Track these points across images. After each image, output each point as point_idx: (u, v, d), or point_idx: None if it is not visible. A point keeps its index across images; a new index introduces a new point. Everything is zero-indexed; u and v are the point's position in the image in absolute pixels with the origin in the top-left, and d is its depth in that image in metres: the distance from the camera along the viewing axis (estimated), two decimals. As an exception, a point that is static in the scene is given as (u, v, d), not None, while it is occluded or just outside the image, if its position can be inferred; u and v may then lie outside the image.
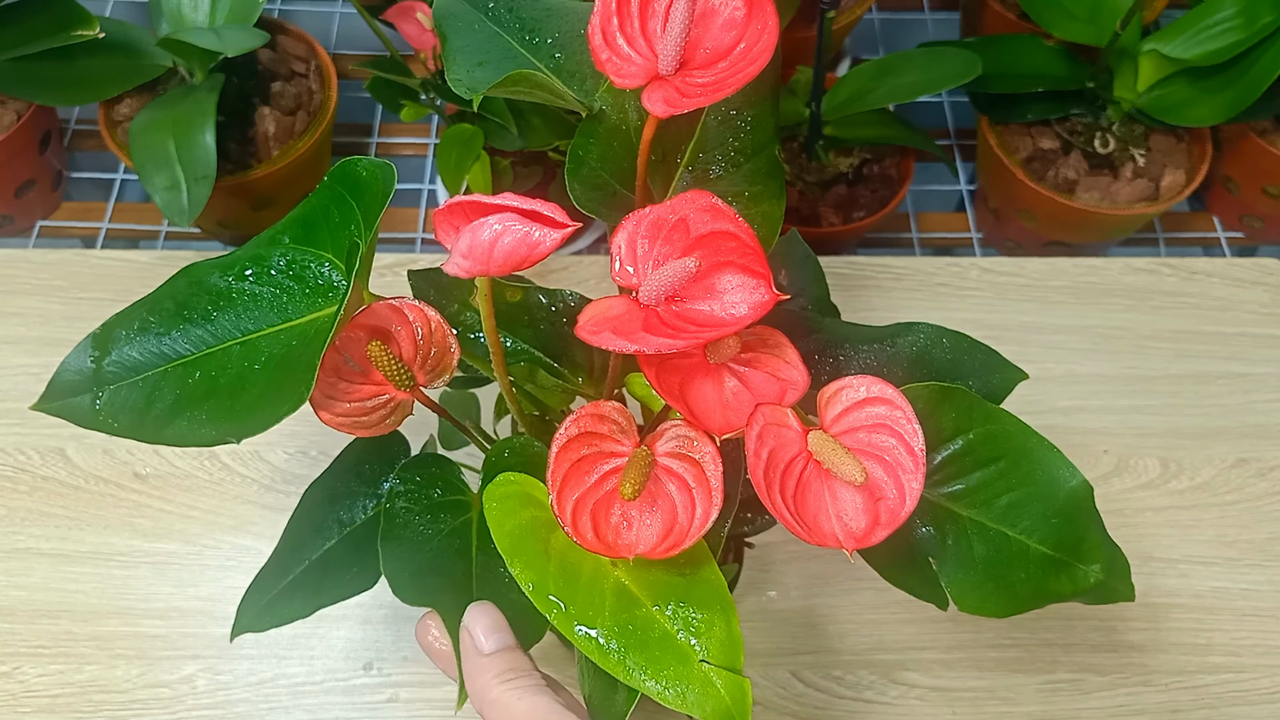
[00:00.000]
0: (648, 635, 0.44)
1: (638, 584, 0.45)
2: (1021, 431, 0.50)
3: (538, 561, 0.45)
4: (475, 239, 0.38)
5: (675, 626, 0.44)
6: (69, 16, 1.04)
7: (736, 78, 0.42)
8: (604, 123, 0.50)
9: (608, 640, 0.44)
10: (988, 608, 0.49)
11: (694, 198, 0.42)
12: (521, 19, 0.53)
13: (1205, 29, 1.05)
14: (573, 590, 0.45)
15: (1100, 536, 0.50)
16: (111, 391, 0.46)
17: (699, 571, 0.45)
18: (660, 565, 0.45)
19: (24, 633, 0.83)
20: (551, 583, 0.45)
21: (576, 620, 0.44)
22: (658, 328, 0.40)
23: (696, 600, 0.45)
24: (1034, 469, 0.50)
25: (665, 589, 0.45)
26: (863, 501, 0.43)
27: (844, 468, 0.41)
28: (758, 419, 0.42)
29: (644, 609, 0.44)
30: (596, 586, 0.45)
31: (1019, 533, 0.50)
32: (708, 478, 0.43)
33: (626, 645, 0.43)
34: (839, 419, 0.44)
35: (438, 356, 0.47)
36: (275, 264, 0.47)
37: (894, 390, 0.43)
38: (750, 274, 0.41)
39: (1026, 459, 0.50)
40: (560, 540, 0.46)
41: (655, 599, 0.45)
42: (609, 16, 0.44)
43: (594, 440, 0.45)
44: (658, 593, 0.45)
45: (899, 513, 0.42)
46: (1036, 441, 0.50)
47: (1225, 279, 1.04)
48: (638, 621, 0.44)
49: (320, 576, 0.62)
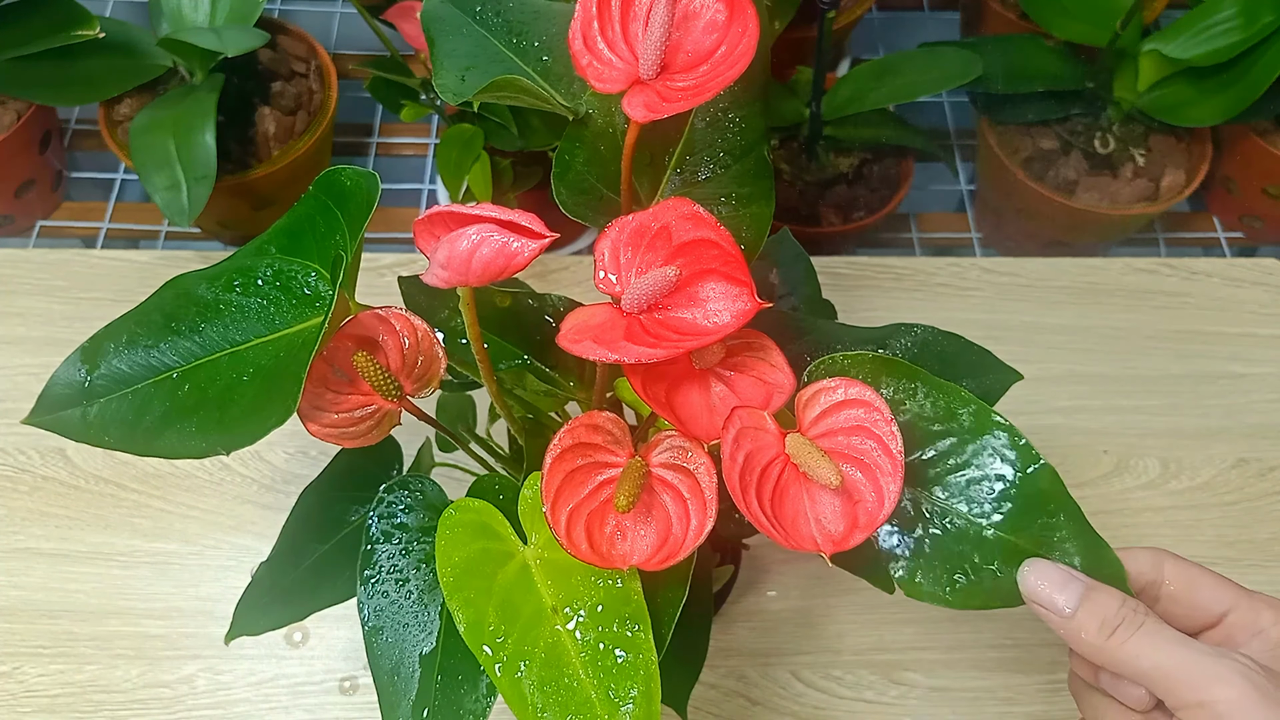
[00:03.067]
0: (570, 698, 0.43)
1: (573, 641, 0.45)
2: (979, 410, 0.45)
3: (479, 599, 0.45)
4: (453, 249, 0.38)
5: (599, 695, 0.43)
6: (69, 16, 1.04)
7: (717, 81, 0.42)
8: (590, 126, 0.50)
9: (530, 694, 0.43)
10: (937, 596, 0.45)
11: (676, 205, 0.42)
12: (509, 22, 0.53)
13: (1205, 29, 1.04)
14: (508, 634, 0.44)
15: (1076, 526, 0.45)
16: (101, 405, 0.46)
17: (637, 638, 0.44)
18: (603, 621, 0.45)
19: (24, 633, 0.83)
20: (489, 623, 0.44)
21: (503, 667, 0.44)
22: (640, 336, 0.40)
23: (625, 670, 0.44)
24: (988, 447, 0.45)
25: (597, 655, 0.44)
26: (841, 505, 0.42)
27: (820, 471, 0.41)
28: (734, 421, 0.42)
29: (572, 668, 0.44)
30: (531, 636, 0.45)
31: (974, 515, 0.45)
32: (702, 489, 0.43)
33: (546, 703, 0.43)
34: (817, 421, 0.43)
35: (425, 365, 0.47)
36: (262, 274, 0.47)
37: (872, 392, 0.43)
38: (732, 282, 0.41)
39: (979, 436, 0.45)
40: (506, 578, 0.46)
41: (585, 664, 0.44)
42: (589, 20, 0.44)
43: (588, 451, 0.45)
44: (589, 656, 0.44)
45: (877, 515, 0.42)
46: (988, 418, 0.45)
47: (1225, 279, 1.03)
48: (563, 681, 0.44)
49: (316, 579, 0.62)
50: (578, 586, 0.45)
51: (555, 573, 0.46)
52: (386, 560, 0.51)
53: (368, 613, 0.50)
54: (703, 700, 0.81)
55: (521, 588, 0.46)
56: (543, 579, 0.46)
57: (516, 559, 0.47)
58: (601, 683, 0.43)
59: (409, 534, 0.52)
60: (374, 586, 0.51)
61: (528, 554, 0.47)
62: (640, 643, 0.44)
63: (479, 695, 0.48)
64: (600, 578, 0.45)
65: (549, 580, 0.46)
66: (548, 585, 0.46)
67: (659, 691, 0.43)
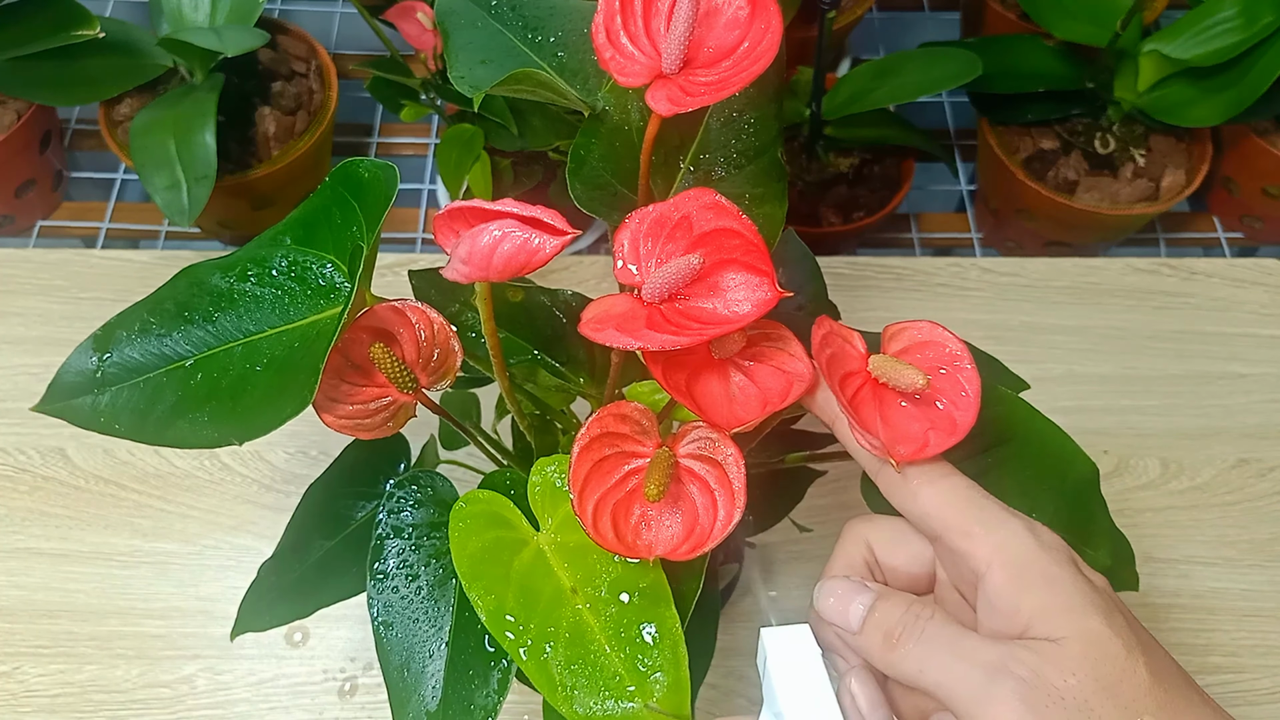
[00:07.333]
0: (598, 674, 0.43)
1: (596, 617, 0.45)
2: (1030, 414, 0.50)
3: (497, 586, 0.45)
4: (475, 245, 0.38)
5: (626, 667, 0.43)
6: (69, 16, 1.04)
7: (740, 76, 0.42)
8: (606, 122, 0.50)
9: (559, 674, 0.43)
10: None
11: (697, 195, 0.42)
12: (524, 17, 0.53)
13: (1206, 29, 1.05)
14: (529, 618, 0.44)
15: (1107, 522, 0.50)
16: (113, 393, 0.46)
17: (659, 609, 0.44)
18: (623, 598, 0.45)
19: (24, 633, 0.83)
20: (509, 609, 0.44)
21: (528, 650, 0.44)
22: (661, 325, 0.40)
23: (651, 644, 0.44)
24: (1043, 451, 0.50)
25: (621, 628, 0.44)
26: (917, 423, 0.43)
27: (905, 376, 0.42)
28: (823, 324, 0.42)
29: (597, 644, 0.44)
30: (553, 617, 0.44)
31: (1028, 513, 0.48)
32: (730, 480, 0.43)
33: (575, 681, 0.43)
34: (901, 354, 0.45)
35: (440, 358, 0.47)
36: (277, 265, 0.47)
37: (953, 336, 0.44)
38: (754, 271, 0.41)
39: (1035, 441, 0.50)
40: (522, 564, 0.46)
41: (610, 638, 0.44)
42: (613, 15, 0.44)
43: (616, 441, 0.44)
44: (613, 631, 0.44)
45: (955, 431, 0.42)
46: (1044, 424, 0.50)
47: (1225, 279, 1.04)
48: (590, 658, 0.44)
49: (320, 576, 0.62)
50: (595, 565, 0.45)
51: (571, 555, 0.46)
52: (396, 556, 0.51)
53: (378, 608, 0.50)
54: (703, 700, 0.81)
55: (539, 572, 0.45)
56: (559, 562, 0.46)
57: (531, 545, 0.47)
58: (628, 656, 0.43)
59: (419, 529, 0.52)
60: (384, 582, 0.51)
61: (541, 539, 0.47)
62: (663, 614, 0.44)
63: (490, 690, 0.48)
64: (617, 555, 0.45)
65: (565, 562, 0.46)
66: (564, 568, 0.46)
67: (686, 659, 0.43)
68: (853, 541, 0.47)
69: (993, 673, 0.38)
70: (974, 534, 0.41)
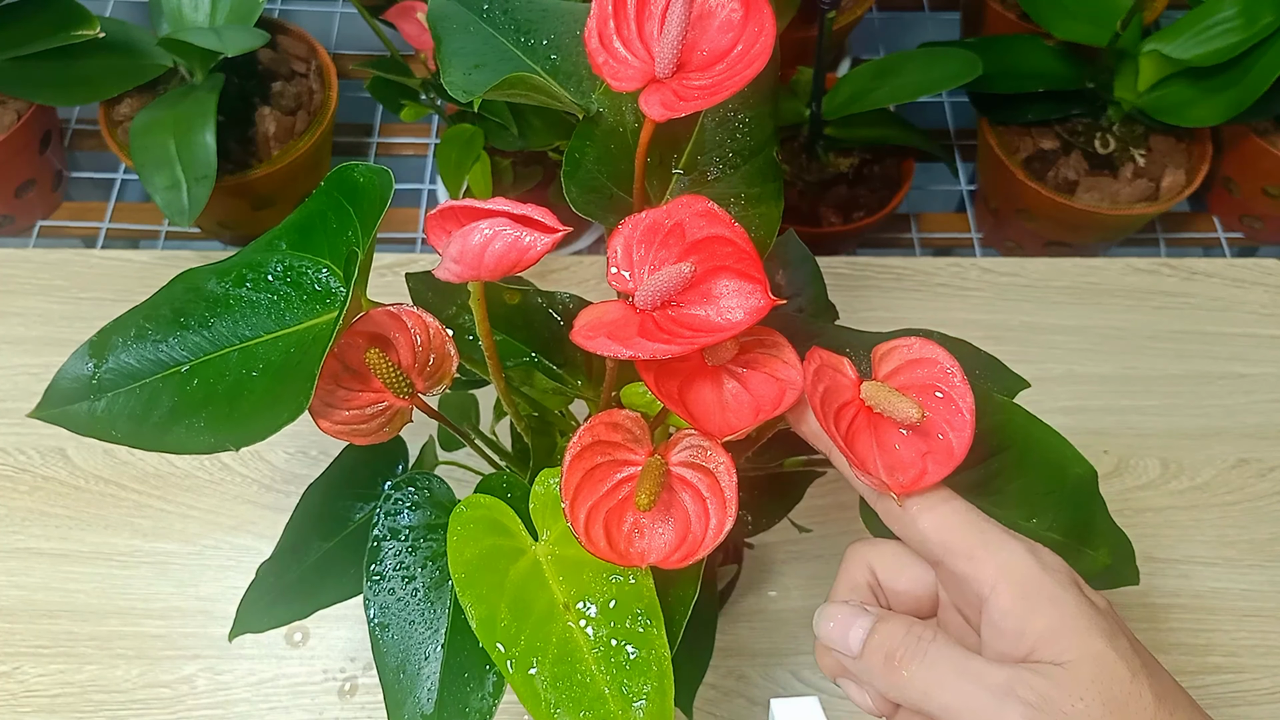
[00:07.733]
0: (582, 694, 0.43)
1: (586, 636, 0.45)
2: (1028, 420, 0.50)
3: (491, 595, 0.45)
4: (466, 244, 0.38)
5: (611, 690, 0.43)
6: (69, 16, 1.04)
7: (734, 80, 0.42)
8: (601, 125, 0.49)
9: (543, 690, 0.43)
10: None
11: (689, 202, 0.42)
12: (517, 21, 0.53)
13: (1206, 29, 1.05)
14: (520, 630, 0.44)
15: (1107, 522, 0.51)
16: (109, 399, 0.46)
17: (649, 634, 0.44)
18: (614, 619, 0.45)
19: (24, 633, 0.83)
20: (501, 619, 0.44)
21: (516, 663, 0.44)
22: (653, 333, 0.40)
23: (638, 666, 0.44)
24: (1042, 456, 0.50)
25: (610, 649, 0.44)
26: (913, 451, 0.43)
27: (900, 407, 0.42)
28: (814, 358, 0.42)
29: (584, 664, 0.44)
30: (543, 632, 0.44)
31: (1028, 519, 0.50)
32: (722, 488, 0.43)
33: (559, 699, 0.43)
34: (891, 376, 0.44)
35: (437, 363, 0.47)
36: (272, 270, 0.47)
37: (944, 352, 0.44)
38: (746, 279, 0.41)
39: (1033, 447, 0.50)
40: (518, 574, 0.46)
41: (598, 659, 0.44)
42: (605, 19, 0.44)
43: (608, 449, 0.44)
44: (601, 652, 0.44)
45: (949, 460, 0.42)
46: (1042, 429, 0.50)
47: (1225, 279, 1.04)
48: (576, 677, 0.44)
49: (319, 577, 0.62)
50: (589, 583, 0.45)
51: (567, 569, 0.46)
52: (393, 557, 0.51)
53: (374, 610, 0.50)
54: (703, 700, 0.81)
55: (533, 584, 0.45)
56: (554, 575, 0.46)
57: (528, 555, 0.47)
58: (614, 679, 0.43)
59: (416, 531, 0.52)
60: (380, 584, 0.51)
61: (539, 550, 0.47)
62: (653, 639, 0.44)
63: (485, 693, 0.48)
64: (612, 574, 0.45)
65: (560, 576, 0.46)
66: (559, 581, 0.46)
67: (672, 688, 0.43)
68: (855, 565, 0.47)
69: (1001, 696, 0.39)
70: (977, 557, 0.41)
